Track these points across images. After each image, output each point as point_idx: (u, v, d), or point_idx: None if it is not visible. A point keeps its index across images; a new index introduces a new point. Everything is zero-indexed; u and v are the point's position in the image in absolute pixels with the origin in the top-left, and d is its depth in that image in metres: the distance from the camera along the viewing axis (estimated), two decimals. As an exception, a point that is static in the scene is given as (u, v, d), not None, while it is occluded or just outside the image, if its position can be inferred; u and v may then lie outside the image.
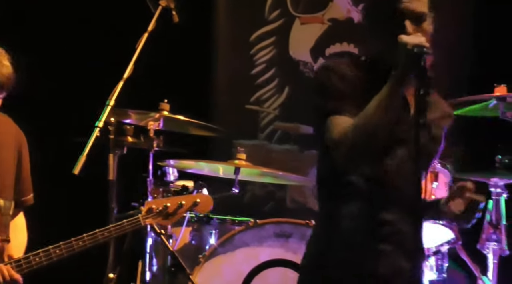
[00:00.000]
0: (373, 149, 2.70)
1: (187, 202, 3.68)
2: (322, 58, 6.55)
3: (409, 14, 2.75)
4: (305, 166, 6.30)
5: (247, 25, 6.70)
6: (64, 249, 3.44)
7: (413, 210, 2.70)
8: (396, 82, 2.67)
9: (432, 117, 2.82)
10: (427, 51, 2.63)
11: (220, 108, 6.59)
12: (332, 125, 2.73)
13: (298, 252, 4.48)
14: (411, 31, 2.72)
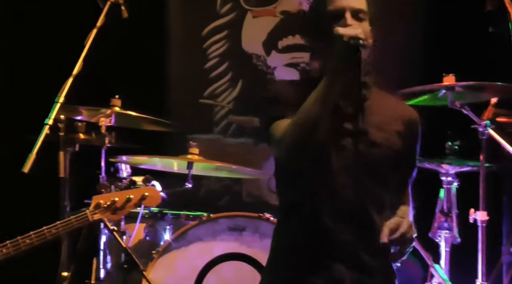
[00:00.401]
0: (311, 144, 2.64)
1: (135, 196, 3.67)
2: (275, 51, 6.56)
3: (348, 10, 2.76)
4: (260, 159, 6.30)
5: (199, 19, 6.68)
6: (11, 248, 3.41)
7: (355, 219, 2.70)
8: (332, 74, 2.65)
9: (376, 121, 2.80)
10: (363, 43, 2.62)
11: (174, 103, 6.56)
12: (275, 128, 2.74)
13: (252, 245, 4.50)
14: (350, 23, 2.72)
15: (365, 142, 2.74)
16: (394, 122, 2.84)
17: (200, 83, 6.62)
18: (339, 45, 2.62)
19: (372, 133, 2.77)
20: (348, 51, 2.61)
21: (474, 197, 4.44)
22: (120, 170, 4.82)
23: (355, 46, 2.61)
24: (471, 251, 4.45)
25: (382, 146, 2.78)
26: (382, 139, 2.78)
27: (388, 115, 2.85)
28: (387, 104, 2.88)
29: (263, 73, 6.57)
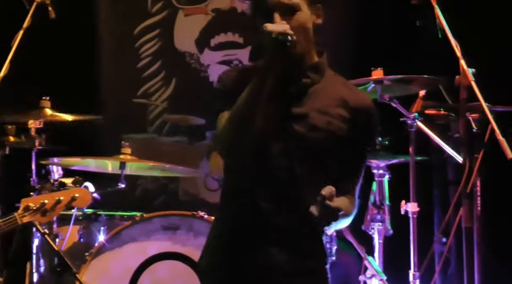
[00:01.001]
0: (247, 136, 2.69)
1: (65, 198, 3.65)
2: (207, 49, 6.56)
3: (277, 6, 2.78)
4: (195, 157, 6.30)
5: (129, 18, 6.65)
6: None
7: (290, 202, 2.73)
8: (263, 70, 2.70)
9: (320, 104, 2.81)
10: (291, 39, 2.66)
11: (107, 103, 6.51)
12: (218, 121, 2.79)
13: (186, 244, 4.49)
14: (278, 21, 2.74)
15: (305, 126, 2.76)
16: (339, 107, 2.84)
17: (133, 82, 6.59)
18: (268, 42, 2.67)
19: (314, 117, 2.79)
20: (276, 47, 2.65)
21: (406, 189, 4.50)
22: (51, 172, 4.76)
23: (283, 42, 2.65)
24: (403, 242, 4.51)
25: (323, 130, 2.79)
26: (323, 123, 2.79)
27: (334, 100, 2.85)
28: (336, 89, 2.88)
29: (197, 71, 6.57)
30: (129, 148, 4.84)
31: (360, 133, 2.86)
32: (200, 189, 6.42)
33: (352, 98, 2.86)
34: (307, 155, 2.76)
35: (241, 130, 2.69)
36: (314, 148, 2.78)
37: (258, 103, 2.68)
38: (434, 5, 3.56)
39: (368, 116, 2.88)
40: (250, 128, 2.68)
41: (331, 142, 2.80)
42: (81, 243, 4.74)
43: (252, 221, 2.78)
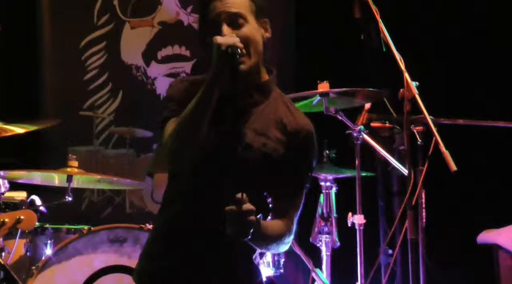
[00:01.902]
0: (189, 148, 2.69)
1: (9, 220, 3.60)
2: (154, 61, 6.57)
3: (225, 18, 2.79)
4: (141, 170, 6.29)
5: (75, 31, 6.62)
6: None
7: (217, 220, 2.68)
8: (209, 82, 2.69)
9: (259, 125, 2.82)
10: (240, 52, 2.67)
11: (53, 116, 6.46)
12: (165, 129, 2.78)
13: (132, 256, 4.47)
14: (227, 33, 2.75)
15: (241, 144, 2.77)
16: (277, 129, 2.85)
17: (80, 95, 6.57)
18: (217, 54, 2.67)
19: (250, 137, 2.80)
20: (225, 60, 2.66)
21: (352, 201, 4.53)
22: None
23: (232, 55, 2.66)
24: (350, 254, 4.54)
25: (258, 150, 2.79)
26: (258, 144, 2.80)
27: (274, 122, 2.86)
28: (277, 110, 2.89)
29: (143, 83, 6.57)
30: (76, 161, 4.80)
31: (297, 157, 2.85)
32: (147, 201, 6.41)
33: (290, 121, 2.87)
34: (241, 173, 2.75)
35: (185, 140, 2.69)
36: (248, 167, 2.78)
37: (203, 115, 2.68)
38: (378, 19, 3.59)
39: (307, 139, 2.88)
40: (193, 139, 2.68)
41: (266, 163, 2.80)
42: (28, 257, 4.68)
43: (174, 236, 2.78)
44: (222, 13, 2.79)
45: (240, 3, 2.83)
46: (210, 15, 2.81)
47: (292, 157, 2.84)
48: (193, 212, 2.76)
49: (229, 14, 2.80)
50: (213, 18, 2.80)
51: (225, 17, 2.79)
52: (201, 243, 2.77)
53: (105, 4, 6.61)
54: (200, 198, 2.76)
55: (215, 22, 2.79)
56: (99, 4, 6.63)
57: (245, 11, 2.83)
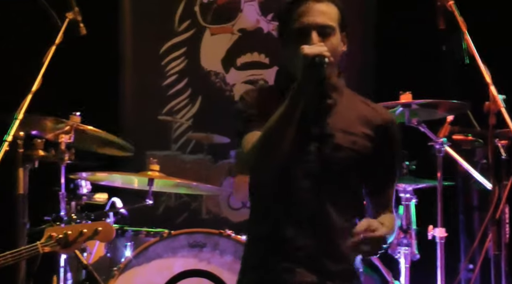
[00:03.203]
0: (275, 160, 2.69)
1: (88, 231, 3.63)
2: (233, 68, 6.61)
3: (315, 26, 2.78)
4: (218, 176, 6.34)
5: (156, 36, 6.71)
6: None
7: (316, 224, 2.72)
8: (296, 92, 2.67)
9: (343, 124, 2.80)
10: (327, 61, 2.64)
11: (133, 119, 6.56)
12: (244, 141, 2.77)
13: (211, 262, 4.50)
14: (316, 42, 2.73)
15: (330, 146, 2.75)
16: (362, 126, 2.84)
17: (159, 100, 6.64)
18: (304, 63, 2.64)
19: (338, 137, 2.78)
20: (312, 69, 2.63)
21: (433, 214, 4.49)
22: (80, 186, 4.79)
23: (319, 64, 2.62)
24: (430, 267, 4.49)
25: (348, 149, 2.79)
26: (348, 143, 2.79)
27: (357, 118, 2.85)
28: (357, 107, 2.89)
29: (222, 90, 6.61)
30: (157, 165, 4.87)
31: (386, 149, 2.86)
32: (223, 207, 6.45)
33: (374, 115, 2.87)
34: (332, 175, 2.76)
35: (271, 151, 2.68)
36: (339, 168, 2.78)
37: (290, 124, 2.66)
38: (464, 30, 3.55)
39: (391, 131, 2.88)
40: (279, 148, 2.67)
41: (356, 161, 2.80)
42: (108, 258, 4.77)
43: (278, 243, 2.77)
44: (313, 22, 2.77)
45: (330, 12, 2.82)
46: (298, 21, 2.79)
47: (382, 150, 2.84)
48: (291, 220, 2.75)
49: (320, 25, 2.78)
50: (302, 26, 2.78)
51: (316, 25, 2.77)
52: (304, 250, 2.75)
53: (186, 11, 6.68)
54: (297, 205, 2.75)
55: (304, 29, 2.77)
56: (181, 10, 6.70)
57: (334, 22, 2.82)
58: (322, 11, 2.79)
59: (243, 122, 2.81)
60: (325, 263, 2.75)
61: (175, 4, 6.70)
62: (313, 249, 2.74)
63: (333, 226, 2.75)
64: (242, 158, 2.78)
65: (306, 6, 2.79)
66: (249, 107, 2.83)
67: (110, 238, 3.80)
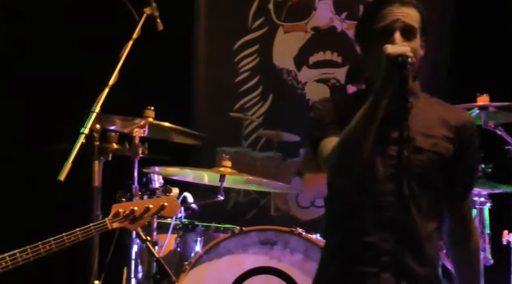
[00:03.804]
0: (358, 162, 2.65)
1: (154, 206, 3.65)
2: (305, 66, 6.59)
3: (400, 26, 2.74)
4: (287, 173, 6.33)
5: (230, 33, 6.73)
6: (30, 253, 3.44)
7: (399, 227, 2.69)
8: (378, 93, 2.63)
9: (423, 127, 2.77)
10: (411, 61, 2.60)
11: (204, 115, 6.61)
12: (322, 147, 2.75)
13: (281, 260, 4.50)
14: (399, 42, 2.70)
15: (411, 149, 2.71)
16: (442, 128, 2.81)
17: (231, 96, 6.67)
18: (386, 63, 2.60)
19: (419, 140, 2.76)
20: (394, 69, 2.60)
21: (508, 219, 4.42)
22: (152, 180, 4.83)
23: (402, 64, 2.59)
24: (504, 273, 4.42)
25: (429, 152, 2.76)
26: (429, 145, 2.76)
27: (436, 121, 2.82)
28: (434, 110, 2.86)
29: (293, 88, 6.60)
30: (229, 161, 4.88)
31: (466, 149, 2.82)
32: (291, 205, 6.44)
33: (452, 116, 2.84)
34: (414, 179, 2.72)
35: (354, 153, 2.64)
36: (421, 171, 2.74)
37: (372, 126, 2.63)
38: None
39: (469, 131, 2.85)
40: (362, 151, 2.63)
41: (438, 163, 2.77)
42: (178, 252, 4.80)
43: (361, 248, 2.74)
44: (397, 21, 2.74)
45: (414, 15, 2.78)
46: (382, 20, 2.75)
47: (462, 152, 2.81)
48: (376, 224, 2.72)
49: (405, 24, 2.75)
50: (386, 24, 2.74)
51: (400, 25, 2.74)
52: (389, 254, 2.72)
53: (260, 8, 6.69)
54: (381, 209, 2.72)
55: (387, 28, 2.73)
56: (255, 8, 6.71)
57: (417, 25, 2.79)
58: (407, 12, 2.77)
59: (319, 130, 2.78)
60: (412, 267, 2.72)
61: (250, 2, 6.72)
62: (399, 254, 2.70)
63: (417, 230, 2.72)
64: (323, 163, 2.73)
65: (391, 7, 2.76)
66: (324, 115, 2.80)
67: (176, 213, 3.82)
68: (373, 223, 2.72)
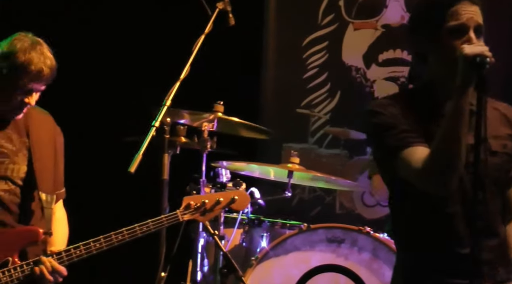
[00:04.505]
0: (455, 171, 2.59)
1: (224, 199, 3.67)
2: (374, 64, 6.53)
3: (474, 25, 2.69)
4: (354, 171, 6.30)
5: (300, 29, 6.70)
6: (103, 242, 3.50)
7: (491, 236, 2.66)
8: (460, 96, 2.57)
9: (491, 129, 2.69)
10: (489, 61, 2.54)
11: (271, 111, 6.61)
12: (406, 157, 2.66)
13: (349, 258, 4.49)
14: (475, 42, 2.65)
15: (486, 153, 2.67)
16: (505, 127, 2.81)
17: (299, 92, 6.64)
18: (463, 63, 2.55)
19: (491, 143, 2.73)
20: (472, 70, 2.54)
21: None
22: (220, 175, 4.85)
23: (480, 64, 2.53)
24: None
25: (502, 154, 2.74)
26: (499, 147, 2.74)
27: (498, 121, 2.81)
28: (497, 110, 2.84)
29: (362, 85, 6.55)
30: (297, 158, 4.88)
31: None
32: (357, 204, 6.40)
33: (509, 113, 2.85)
34: (492, 183, 2.70)
35: (450, 164, 2.58)
36: (496, 175, 2.72)
37: (462, 129, 2.57)
38: None
39: None
40: (458, 159, 2.57)
41: (508, 164, 2.75)
42: (244, 247, 4.81)
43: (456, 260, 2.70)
44: (471, 20, 2.69)
45: (480, 14, 2.74)
46: (455, 18, 2.69)
47: None
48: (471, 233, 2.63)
49: (477, 23, 2.71)
50: (462, 22, 2.68)
51: (474, 24, 2.69)
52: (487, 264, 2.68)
53: (331, 5, 6.65)
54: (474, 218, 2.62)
55: (462, 26, 2.68)
56: (325, 4, 6.67)
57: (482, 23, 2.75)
58: (476, 11, 2.73)
59: (394, 139, 2.70)
60: (506, 275, 2.73)
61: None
62: (494, 262, 2.70)
63: (502, 235, 2.72)
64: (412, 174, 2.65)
65: (461, 5, 2.71)
66: (393, 123, 2.72)
67: (245, 207, 3.85)
68: (466, 233, 2.67)
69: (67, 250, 3.50)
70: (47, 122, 3.76)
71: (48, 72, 3.48)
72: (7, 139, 3.59)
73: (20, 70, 3.44)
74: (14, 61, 3.45)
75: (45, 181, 3.62)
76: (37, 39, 3.56)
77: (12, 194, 3.56)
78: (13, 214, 3.56)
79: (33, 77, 3.46)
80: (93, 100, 6.28)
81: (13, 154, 3.58)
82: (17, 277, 3.44)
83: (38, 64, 3.45)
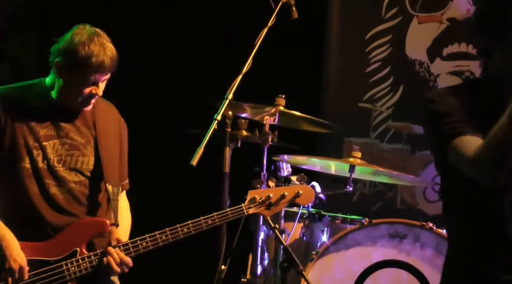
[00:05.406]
0: (508, 160, 2.54)
1: (289, 193, 3.66)
2: (439, 58, 6.44)
3: None
4: (416, 166, 6.23)
5: (363, 22, 6.65)
6: (170, 234, 3.52)
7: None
8: None
9: None
10: None
11: (333, 105, 6.56)
12: (460, 146, 2.64)
13: (411, 254, 4.43)
14: None
15: None
16: None
17: (360, 86, 6.59)
18: None
19: None
20: None
21: None
22: (281, 169, 4.84)
23: None
24: None
25: None
26: None
27: None
28: None
29: (426, 80, 6.47)
30: (359, 152, 4.84)
31: None
32: (419, 199, 6.33)
33: None
34: None
35: (505, 155, 2.53)
36: None
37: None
38: None
39: None
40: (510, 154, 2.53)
41: None
42: (303, 241, 4.79)
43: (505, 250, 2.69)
44: None
45: None
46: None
47: None
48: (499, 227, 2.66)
49: None
50: None
51: None
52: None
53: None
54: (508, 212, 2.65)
55: None
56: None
57: None
58: None
59: (448, 127, 2.67)
60: None
61: (385, -9, 6.63)
62: None
63: None
64: (465, 163, 2.63)
65: None
66: (450, 112, 2.69)
67: (310, 201, 3.85)
68: (496, 226, 2.67)
69: (133, 242, 3.53)
70: (112, 113, 3.80)
71: (109, 62, 3.51)
72: (76, 132, 3.63)
73: (82, 64, 3.48)
74: (75, 56, 3.49)
75: (112, 173, 3.67)
76: (95, 29, 3.59)
77: (82, 185, 3.61)
78: (82, 205, 3.61)
79: (96, 69, 3.49)
80: (157, 92, 6.33)
81: (83, 147, 3.63)
82: (85, 267, 3.49)
83: (99, 56, 3.48)
